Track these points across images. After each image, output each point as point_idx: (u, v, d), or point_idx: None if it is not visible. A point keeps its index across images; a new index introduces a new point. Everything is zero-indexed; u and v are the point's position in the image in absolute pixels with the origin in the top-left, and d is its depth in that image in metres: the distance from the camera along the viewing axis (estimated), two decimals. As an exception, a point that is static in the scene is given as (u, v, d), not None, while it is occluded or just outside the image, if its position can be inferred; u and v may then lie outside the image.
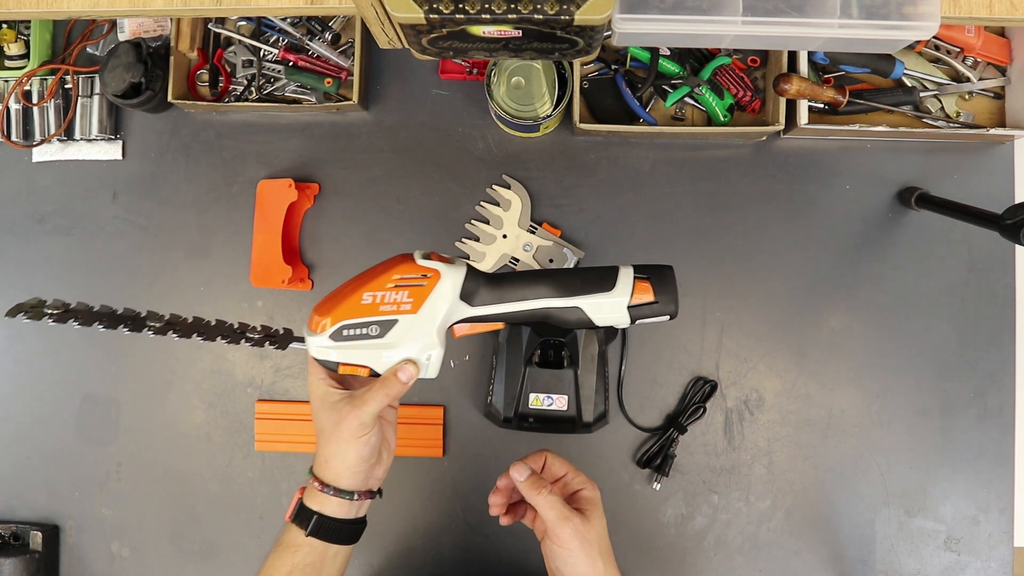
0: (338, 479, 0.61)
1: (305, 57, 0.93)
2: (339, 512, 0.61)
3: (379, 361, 0.60)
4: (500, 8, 0.54)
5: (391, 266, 0.60)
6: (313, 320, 0.60)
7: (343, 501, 0.60)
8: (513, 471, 0.65)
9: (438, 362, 0.61)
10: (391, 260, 0.61)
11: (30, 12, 0.69)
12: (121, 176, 0.95)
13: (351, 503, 0.61)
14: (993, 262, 0.91)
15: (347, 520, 0.62)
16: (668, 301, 0.62)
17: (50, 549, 0.91)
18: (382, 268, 0.60)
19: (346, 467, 0.60)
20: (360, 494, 0.61)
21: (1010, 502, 0.89)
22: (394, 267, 0.59)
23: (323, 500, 0.61)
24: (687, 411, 0.89)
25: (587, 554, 0.61)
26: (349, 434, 0.59)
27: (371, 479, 0.63)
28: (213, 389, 0.93)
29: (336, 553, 0.62)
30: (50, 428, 0.94)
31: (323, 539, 0.61)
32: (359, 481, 0.61)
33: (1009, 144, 0.92)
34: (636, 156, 0.93)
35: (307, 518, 0.61)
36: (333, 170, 0.94)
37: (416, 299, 0.59)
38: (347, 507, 0.61)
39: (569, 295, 0.61)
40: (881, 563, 0.89)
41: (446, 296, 0.59)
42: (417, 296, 0.59)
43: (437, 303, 0.59)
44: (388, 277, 0.59)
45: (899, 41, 0.64)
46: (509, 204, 0.92)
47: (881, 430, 0.90)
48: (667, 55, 0.90)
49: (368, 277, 0.60)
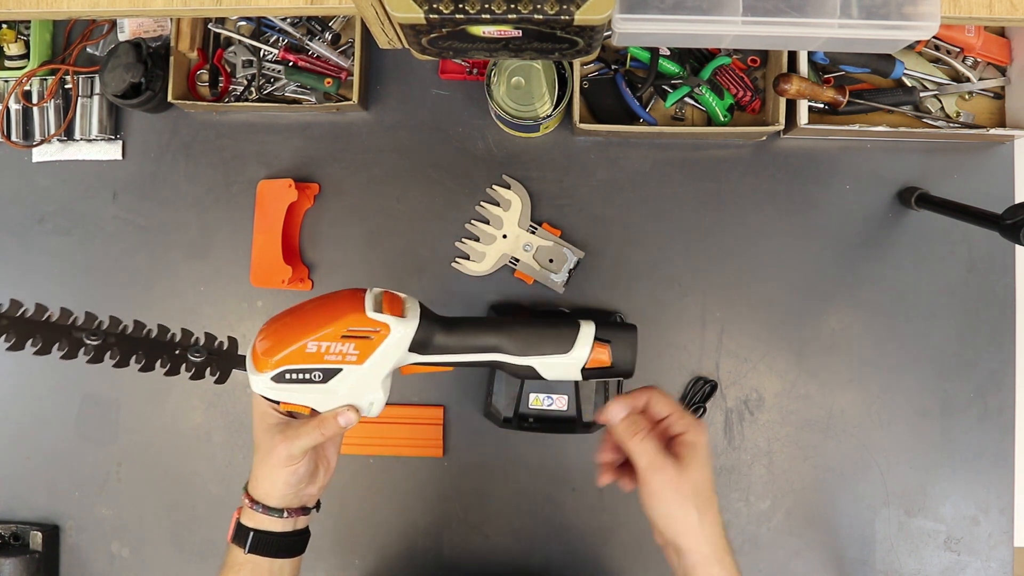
0: (267, 499, 0.61)
1: (305, 57, 0.93)
2: (275, 527, 0.61)
3: (321, 403, 0.59)
4: (500, 8, 0.54)
5: (340, 312, 0.57)
6: (256, 357, 0.58)
7: (276, 519, 0.61)
8: (609, 410, 0.58)
9: (381, 406, 0.61)
10: (341, 302, 0.58)
11: (30, 12, 0.69)
12: (121, 176, 0.96)
13: (286, 520, 0.61)
14: (993, 262, 0.91)
15: (285, 534, 0.62)
16: (624, 367, 0.61)
17: (50, 549, 0.91)
18: (331, 312, 0.57)
19: (275, 489, 0.61)
20: (291, 511, 0.61)
21: (1010, 502, 0.89)
22: (342, 315, 0.56)
23: (257, 517, 0.61)
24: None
25: (680, 505, 0.56)
26: (278, 462, 0.60)
27: (303, 496, 0.63)
28: (213, 389, 0.93)
29: (281, 567, 0.62)
30: (50, 428, 0.94)
31: (263, 555, 0.61)
32: (289, 500, 0.61)
33: (1009, 144, 0.92)
34: (636, 156, 0.93)
35: (244, 536, 0.61)
36: (333, 170, 0.94)
37: (362, 352, 0.57)
38: (282, 522, 0.61)
39: (523, 353, 0.60)
40: (881, 563, 0.89)
41: (393, 351, 0.58)
42: (363, 349, 0.57)
43: (383, 356, 0.57)
44: (336, 327, 0.56)
45: (899, 41, 0.63)
46: (509, 204, 0.92)
47: (881, 430, 0.90)
48: (667, 55, 0.90)
49: (315, 320, 0.57)
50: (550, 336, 0.60)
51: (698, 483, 0.57)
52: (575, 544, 0.90)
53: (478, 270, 0.92)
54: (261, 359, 0.57)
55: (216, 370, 0.64)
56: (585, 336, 0.60)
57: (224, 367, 0.64)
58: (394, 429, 0.91)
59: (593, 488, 0.90)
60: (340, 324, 0.56)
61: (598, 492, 0.90)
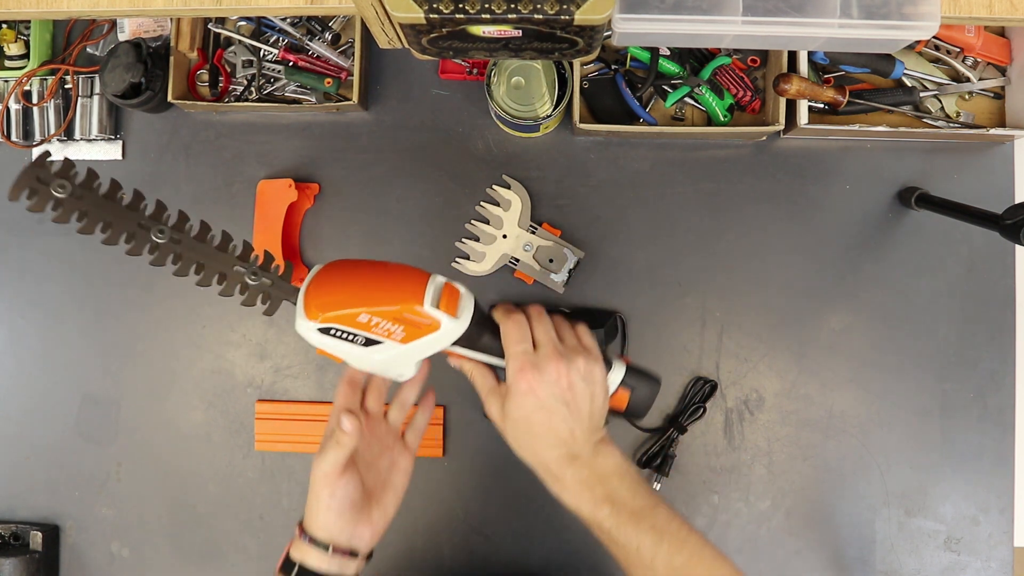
0: (313, 528, 0.60)
1: (305, 57, 0.93)
2: (321, 566, 0.60)
3: (355, 360, 0.60)
4: (500, 8, 0.54)
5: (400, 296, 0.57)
6: (309, 304, 0.58)
7: (323, 554, 0.60)
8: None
9: (408, 377, 0.63)
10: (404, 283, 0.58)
11: (30, 12, 0.69)
12: (121, 176, 0.93)
13: (332, 558, 0.60)
14: (993, 262, 0.91)
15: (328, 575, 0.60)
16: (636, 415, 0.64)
17: (50, 549, 0.91)
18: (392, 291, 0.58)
19: (319, 514, 0.60)
20: (336, 549, 0.60)
21: (1010, 502, 0.89)
22: (402, 300, 0.57)
23: (303, 549, 0.60)
24: (687, 411, 0.89)
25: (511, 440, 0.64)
26: (316, 482, 0.60)
27: (353, 537, 0.61)
28: (213, 389, 0.93)
29: None
30: (50, 428, 0.94)
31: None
32: (335, 534, 0.60)
33: (1009, 144, 0.92)
34: (636, 156, 0.93)
35: (290, 569, 0.60)
36: (333, 170, 0.94)
37: (408, 335, 0.58)
38: (327, 561, 0.60)
39: None
40: (881, 563, 0.89)
41: (437, 343, 0.59)
42: (410, 333, 0.58)
43: (426, 345, 0.59)
44: (393, 309, 0.57)
45: (899, 41, 0.63)
46: (509, 204, 0.92)
47: (881, 430, 0.90)
48: (667, 55, 0.90)
49: (375, 293, 0.58)
50: None
51: (525, 419, 0.62)
52: (575, 544, 0.90)
53: (478, 270, 0.92)
54: (313, 308, 0.58)
55: (268, 298, 0.62)
56: (614, 377, 0.62)
57: (276, 296, 0.62)
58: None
59: (593, 488, 0.90)
60: (398, 308, 0.57)
61: (598, 492, 0.90)
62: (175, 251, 0.59)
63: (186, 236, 0.59)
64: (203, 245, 0.60)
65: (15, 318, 0.95)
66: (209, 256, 0.60)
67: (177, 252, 0.59)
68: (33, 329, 0.95)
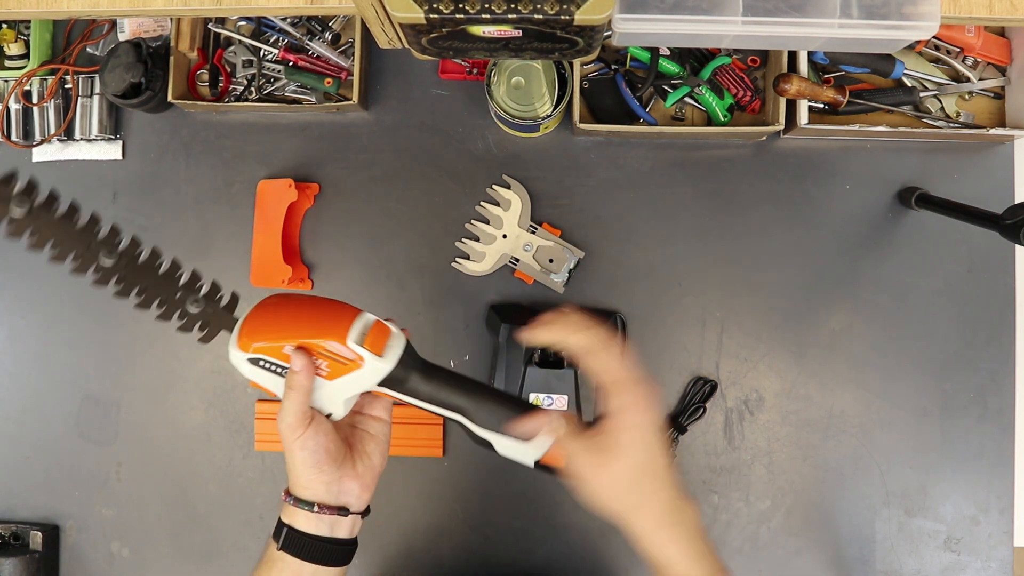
0: (295, 488, 0.59)
1: (305, 57, 0.93)
2: (309, 527, 0.58)
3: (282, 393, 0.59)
4: (500, 8, 0.54)
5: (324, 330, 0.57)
6: (240, 336, 0.58)
7: (309, 515, 0.58)
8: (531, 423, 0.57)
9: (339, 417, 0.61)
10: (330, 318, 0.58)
11: (30, 12, 0.69)
12: (121, 176, 0.95)
13: (321, 518, 0.58)
14: (993, 262, 0.91)
15: (319, 537, 0.58)
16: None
17: (50, 549, 0.91)
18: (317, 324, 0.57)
19: (298, 473, 0.58)
20: (322, 507, 0.58)
21: (1010, 502, 0.89)
22: (325, 335, 0.56)
23: (291, 512, 0.59)
24: (687, 411, 0.89)
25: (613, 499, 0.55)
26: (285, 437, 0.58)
27: (341, 493, 0.59)
28: (213, 389, 0.93)
29: (313, 573, 0.58)
30: (50, 428, 0.94)
31: (294, 555, 0.58)
32: (320, 492, 0.58)
33: (1009, 144, 0.92)
34: (636, 156, 0.93)
35: (279, 532, 0.59)
36: (333, 170, 0.94)
37: (333, 371, 0.57)
38: (315, 521, 0.58)
39: (484, 426, 0.60)
40: (881, 563, 0.89)
41: (361, 382, 0.58)
42: (334, 370, 0.57)
43: (351, 383, 0.58)
44: (315, 343, 0.56)
45: (899, 41, 0.63)
46: (509, 204, 0.92)
47: (881, 430, 0.90)
48: (667, 55, 0.90)
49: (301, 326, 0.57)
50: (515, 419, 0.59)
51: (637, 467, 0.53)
52: (575, 544, 0.90)
53: (478, 270, 0.92)
54: (244, 338, 0.58)
55: (205, 326, 0.62)
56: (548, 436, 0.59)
57: (215, 325, 0.62)
58: (394, 429, 0.89)
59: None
60: (319, 342, 0.56)
61: (598, 492, 0.90)
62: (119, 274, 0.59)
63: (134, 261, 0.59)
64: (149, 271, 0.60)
65: (15, 318, 0.95)
66: (154, 282, 0.60)
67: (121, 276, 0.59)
68: (33, 329, 0.95)
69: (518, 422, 0.58)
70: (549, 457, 0.60)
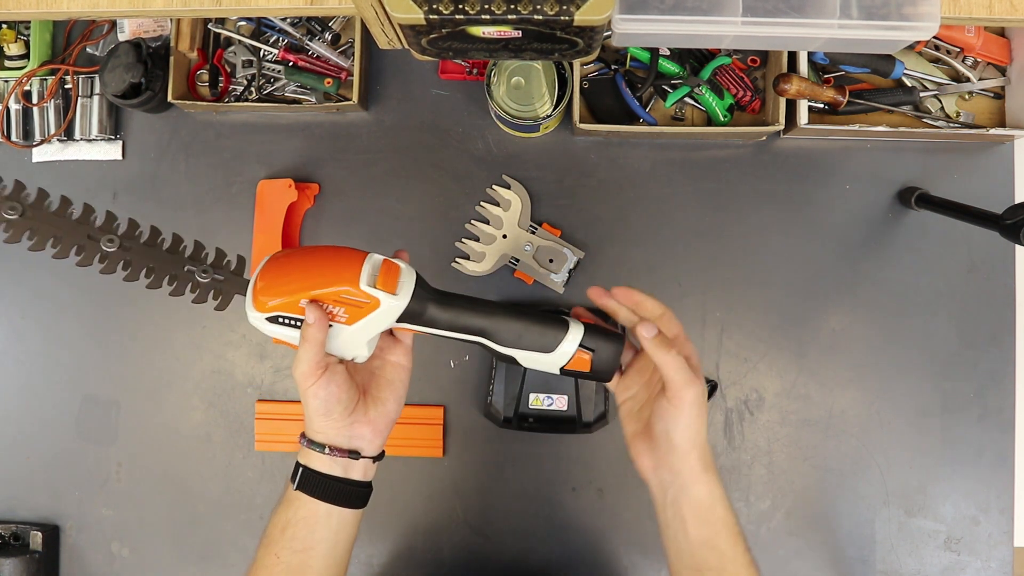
0: (310, 431, 0.61)
1: (305, 57, 0.93)
2: (323, 467, 0.60)
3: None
4: (500, 9, 0.54)
5: (336, 278, 0.58)
6: (255, 295, 0.59)
7: (323, 456, 0.60)
8: (642, 328, 0.60)
9: (364, 359, 0.62)
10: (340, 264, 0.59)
11: (30, 12, 0.69)
12: (121, 176, 0.95)
13: (332, 459, 0.60)
14: (993, 262, 0.91)
15: (332, 476, 0.60)
16: (602, 375, 0.63)
17: (50, 549, 0.91)
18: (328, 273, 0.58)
19: (311, 418, 0.60)
20: (334, 450, 0.60)
21: (1010, 502, 0.89)
22: (337, 282, 0.58)
23: (306, 453, 0.61)
24: (687, 411, 0.89)
25: (700, 418, 0.60)
26: (299, 384, 0.60)
27: (353, 437, 0.61)
28: (213, 389, 0.93)
29: (328, 513, 0.60)
30: (50, 428, 0.94)
31: (309, 494, 0.60)
32: (332, 436, 0.61)
33: (1009, 144, 0.92)
34: (636, 156, 0.93)
35: (296, 471, 0.61)
36: (333, 170, 0.94)
37: (351, 316, 0.59)
38: (329, 462, 0.60)
39: (507, 344, 0.61)
40: (881, 563, 0.89)
41: (380, 321, 0.59)
42: (353, 314, 0.59)
43: (371, 323, 0.59)
44: (329, 292, 0.58)
45: (899, 41, 0.63)
46: (509, 204, 0.92)
47: (881, 430, 0.90)
48: (667, 55, 0.89)
49: (313, 277, 0.58)
50: (536, 332, 0.61)
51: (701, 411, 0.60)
52: (575, 544, 0.90)
53: (478, 270, 0.92)
54: (259, 299, 0.59)
55: (219, 294, 0.64)
56: (570, 341, 0.61)
57: (227, 291, 0.64)
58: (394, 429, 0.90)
59: (593, 488, 0.90)
60: (335, 290, 0.58)
61: (598, 492, 0.90)
62: (125, 258, 0.61)
63: (135, 242, 0.61)
64: (153, 249, 0.62)
65: (15, 318, 0.95)
66: (159, 259, 0.62)
67: (127, 259, 0.61)
68: (33, 329, 0.95)
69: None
70: (574, 363, 0.62)
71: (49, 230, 0.60)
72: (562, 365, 0.62)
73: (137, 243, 0.62)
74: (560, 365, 0.62)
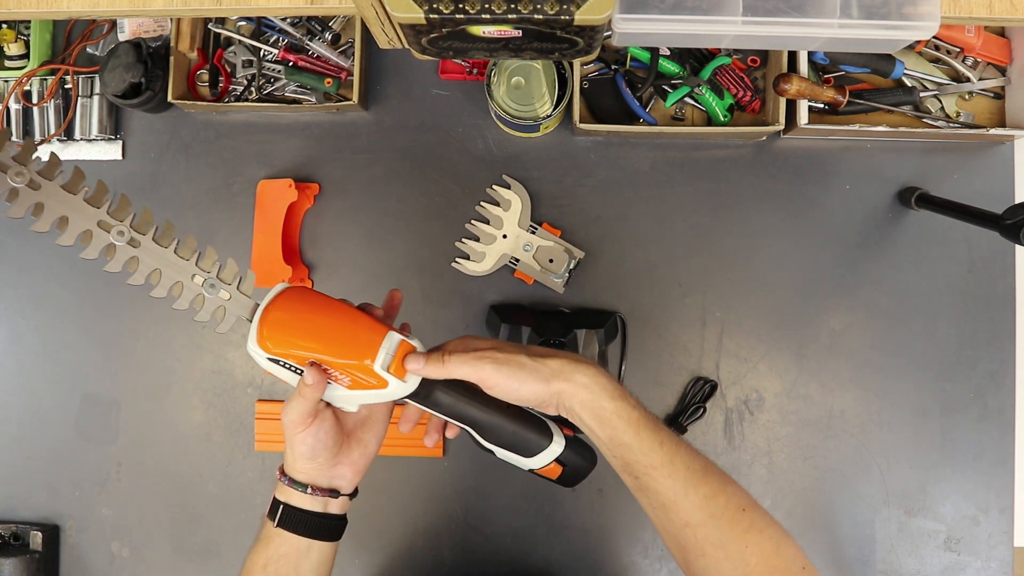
0: (292, 471, 0.61)
1: (305, 57, 0.93)
2: (304, 504, 0.61)
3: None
4: (500, 8, 0.54)
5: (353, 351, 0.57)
6: (261, 335, 0.58)
7: (303, 494, 0.61)
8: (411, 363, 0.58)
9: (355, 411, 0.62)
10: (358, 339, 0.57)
11: (30, 12, 0.69)
12: (121, 176, 0.95)
13: (313, 498, 0.61)
14: (993, 262, 0.91)
15: (314, 512, 0.61)
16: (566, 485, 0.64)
17: (50, 549, 0.91)
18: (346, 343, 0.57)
19: (294, 460, 0.61)
20: (316, 489, 0.61)
21: (1010, 502, 0.89)
22: (354, 356, 0.57)
23: (286, 490, 0.61)
24: (687, 411, 0.89)
25: (507, 371, 0.58)
26: (286, 428, 0.60)
27: (334, 477, 0.62)
28: (213, 389, 0.93)
29: (309, 548, 0.61)
30: (50, 428, 0.94)
31: (290, 530, 0.60)
32: (313, 476, 0.61)
33: (1009, 144, 0.92)
34: (636, 156, 0.93)
35: (276, 509, 0.61)
36: (333, 170, 0.94)
37: (355, 385, 0.58)
38: (310, 500, 0.61)
39: (490, 440, 0.62)
40: (881, 563, 0.89)
41: (383, 397, 0.59)
42: (356, 385, 0.58)
43: (371, 397, 0.59)
44: (342, 364, 0.57)
45: (899, 41, 0.63)
46: (509, 204, 0.92)
47: (881, 430, 0.90)
48: (667, 55, 0.89)
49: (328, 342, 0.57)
50: (522, 438, 0.62)
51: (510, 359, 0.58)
52: (575, 544, 0.90)
53: (478, 270, 0.92)
54: (265, 339, 0.58)
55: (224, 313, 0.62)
56: (550, 453, 0.62)
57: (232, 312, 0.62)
58: (394, 429, 0.90)
59: (593, 488, 0.90)
60: (345, 363, 0.57)
61: (598, 492, 0.90)
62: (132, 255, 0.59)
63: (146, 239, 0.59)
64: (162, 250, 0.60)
65: (15, 318, 0.95)
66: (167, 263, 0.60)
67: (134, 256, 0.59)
68: (33, 329, 0.95)
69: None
70: (544, 471, 0.63)
71: (56, 207, 0.55)
72: (534, 468, 0.63)
73: (148, 240, 0.59)
74: (532, 468, 0.63)
